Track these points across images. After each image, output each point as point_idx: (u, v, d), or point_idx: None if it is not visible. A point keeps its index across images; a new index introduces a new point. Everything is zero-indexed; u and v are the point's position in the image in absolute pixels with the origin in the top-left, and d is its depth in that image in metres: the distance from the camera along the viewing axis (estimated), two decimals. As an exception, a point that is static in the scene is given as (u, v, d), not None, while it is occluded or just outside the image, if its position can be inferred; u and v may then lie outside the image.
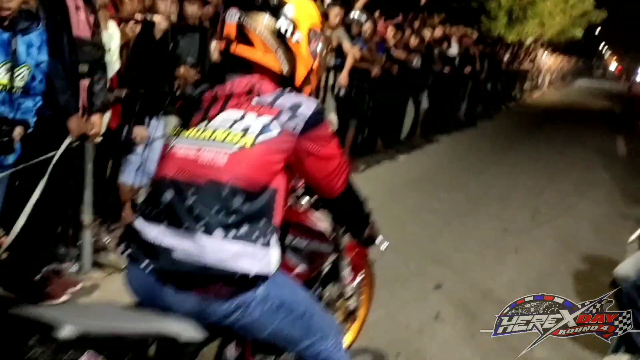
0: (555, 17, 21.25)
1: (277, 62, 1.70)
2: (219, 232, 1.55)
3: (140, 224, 1.66)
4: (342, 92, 6.56)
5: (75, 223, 3.62)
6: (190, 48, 4.32)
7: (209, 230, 1.55)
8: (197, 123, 1.66)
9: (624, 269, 3.00)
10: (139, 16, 3.94)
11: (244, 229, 1.57)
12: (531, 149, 10.08)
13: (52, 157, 2.98)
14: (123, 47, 3.83)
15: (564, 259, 4.73)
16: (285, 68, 1.71)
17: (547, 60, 23.16)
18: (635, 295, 2.88)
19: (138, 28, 3.89)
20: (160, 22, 3.94)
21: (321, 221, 2.21)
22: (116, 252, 3.80)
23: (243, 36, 1.69)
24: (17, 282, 3.15)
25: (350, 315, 2.61)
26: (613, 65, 59.62)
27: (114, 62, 3.73)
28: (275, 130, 1.60)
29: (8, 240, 2.97)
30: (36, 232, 3.15)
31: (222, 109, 1.64)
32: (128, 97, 3.82)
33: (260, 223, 1.59)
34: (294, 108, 1.62)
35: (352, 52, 6.52)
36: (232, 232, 1.56)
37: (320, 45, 1.80)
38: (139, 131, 3.87)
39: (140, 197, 4.32)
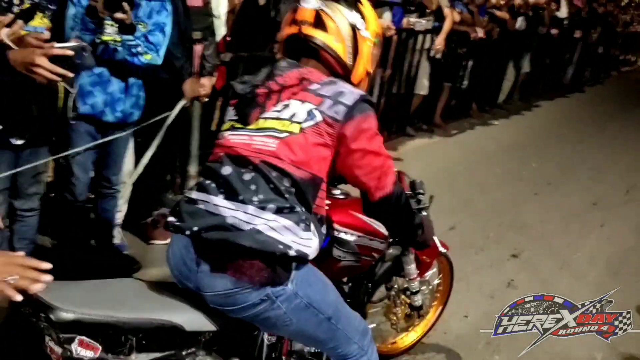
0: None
1: (344, 52, 1.77)
2: (270, 207, 1.61)
3: (197, 195, 1.70)
4: (437, 56, 6.58)
5: (183, 173, 4.07)
6: (291, 13, 4.57)
7: (262, 205, 1.61)
8: (257, 118, 1.71)
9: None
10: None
11: (292, 209, 1.61)
12: (638, 120, 9.58)
13: (167, 116, 3.36)
14: (229, 14, 4.13)
15: (651, 239, 4.67)
16: (349, 60, 1.79)
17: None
18: None
19: (243, -5, 4.18)
20: (264, -12, 4.20)
21: None
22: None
23: (319, 21, 1.75)
24: (131, 223, 3.63)
25: (415, 311, 2.61)
26: None
27: (221, 28, 4.05)
28: (318, 117, 1.64)
29: (128, 184, 3.42)
30: (149, 180, 3.59)
31: (277, 102, 1.70)
32: (232, 60, 4.15)
33: (303, 208, 1.64)
34: (337, 96, 1.67)
35: (451, 15, 6.50)
36: (283, 210, 1.61)
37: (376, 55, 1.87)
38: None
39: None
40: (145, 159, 3.33)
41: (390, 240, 2.21)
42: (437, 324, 3.09)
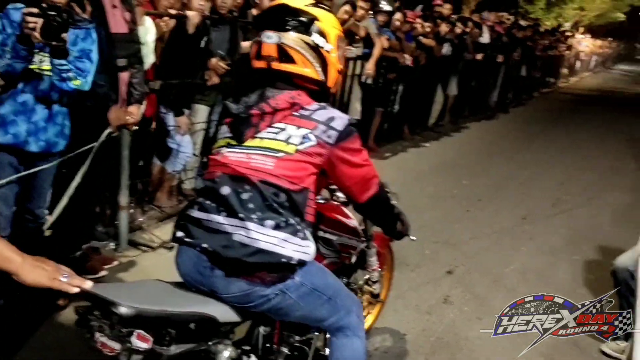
0: (595, 0, 20.81)
1: (316, 73, 1.93)
2: (269, 223, 1.81)
3: (200, 214, 1.88)
4: (369, 81, 6.72)
5: (113, 204, 3.95)
6: (222, 41, 4.56)
7: (261, 221, 1.80)
8: (252, 137, 1.88)
9: (623, 259, 3.16)
10: (173, 11, 4.19)
11: (287, 222, 1.82)
12: (562, 137, 10.08)
13: (93, 146, 3.26)
14: (158, 41, 4.08)
15: (579, 249, 4.85)
16: (322, 76, 1.94)
17: (586, 45, 22.70)
18: (631, 284, 3.04)
19: (172, 23, 4.14)
20: (193, 16, 4.18)
21: (351, 217, 2.43)
22: (152, 233, 4.12)
23: (284, 54, 1.89)
24: (59, 258, 3.47)
25: (375, 299, 2.85)
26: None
27: (149, 55, 3.99)
28: (312, 141, 1.84)
29: (51, 219, 3.28)
30: (77, 212, 3.46)
31: (270, 124, 1.87)
32: (162, 88, 4.09)
33: (298, 218, 1.85)
34: (329, 121, 1.86)
35: (380, 41, 6.67)
36: (279, 224, 1.81)
37: (343, 49, 2.03)
38: (182, 120, 4.19)
39: (174, 182, 4.63)
40: (70, 190, 3.22)
41: (364, 238, 2.52)
42: (378, 345, 3.15)
